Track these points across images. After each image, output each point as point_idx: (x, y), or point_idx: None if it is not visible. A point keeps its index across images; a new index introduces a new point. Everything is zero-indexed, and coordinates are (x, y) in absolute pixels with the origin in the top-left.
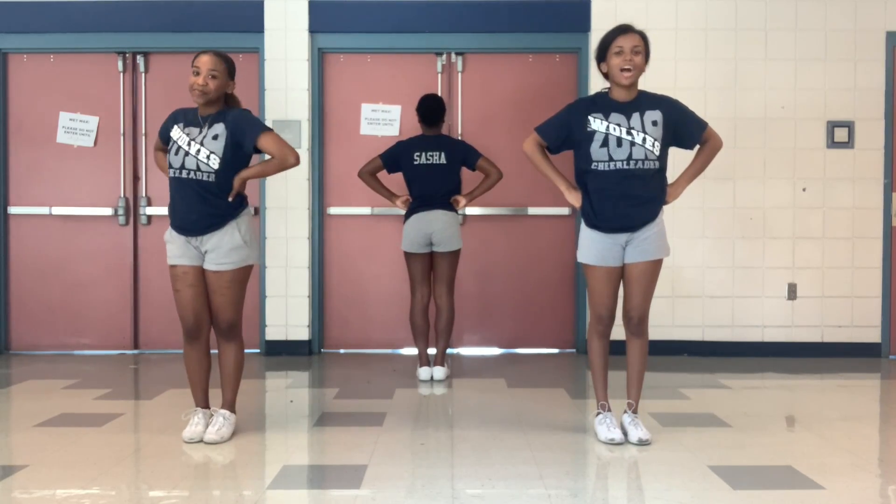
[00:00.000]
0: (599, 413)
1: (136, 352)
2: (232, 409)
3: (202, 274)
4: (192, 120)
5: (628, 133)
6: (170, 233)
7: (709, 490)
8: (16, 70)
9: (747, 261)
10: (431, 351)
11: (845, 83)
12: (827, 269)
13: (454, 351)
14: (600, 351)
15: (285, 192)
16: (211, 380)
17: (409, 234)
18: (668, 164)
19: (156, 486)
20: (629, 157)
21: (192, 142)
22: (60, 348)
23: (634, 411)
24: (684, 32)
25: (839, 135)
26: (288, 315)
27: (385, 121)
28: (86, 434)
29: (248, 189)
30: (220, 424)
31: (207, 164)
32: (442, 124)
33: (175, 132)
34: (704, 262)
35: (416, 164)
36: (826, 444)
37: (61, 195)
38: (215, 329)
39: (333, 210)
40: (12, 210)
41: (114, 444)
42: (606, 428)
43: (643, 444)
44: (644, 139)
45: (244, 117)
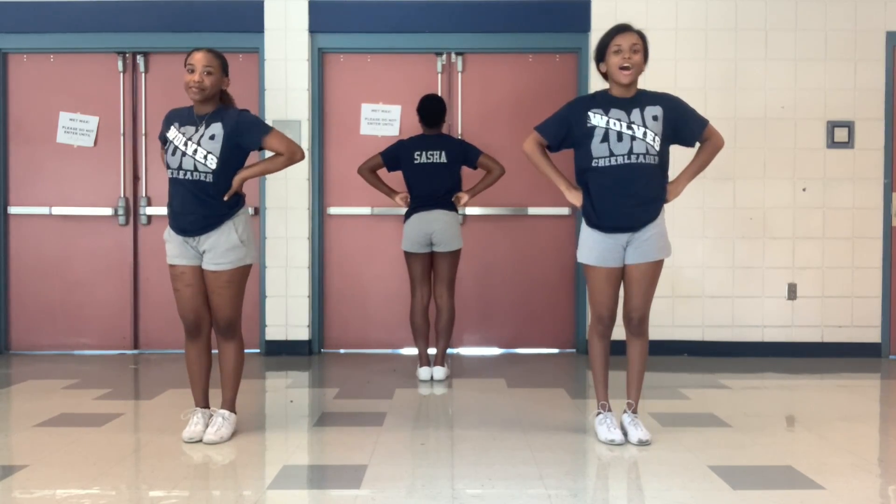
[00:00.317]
0: (600, 413)
1: (136, 352)
2: (232, 409)
3: (201, 273)
4: (187, 119)
5: (629, 127)
6: (168, 232)
7: (709, 490)
8: (16, 70)
9: (747, 261)
10: (431, 351)
11: (845, 83)
12: (827, 269)
13: (454, 351)
14: (601, 351)
15: (285, 192)
16: (211, 380)
17: (410, 233)
18: (669, 164)
19: (156, 486)
20: (630, 152)
21: (189, 142)
22: (60, 348)
23: (634, 411)
24: (684, 32)
25: (839, 135)
26: (288, 315)
27: (385, 121)
28: (86, 434)
29: (248, 189)
30: (219, 425)
31: (205, 165)
32: (442, 124)
33: (171, 133)
34: (704, 262)
35: (417, 163)
36: (826, 444)
37: (61, 195)
38: (215, 328)
39: (333, 210)
40: (12, 210)
41: (114, 444)
42: (607, 428)
43: (643, 444)
44: (645, 133)
45: (245, 118)
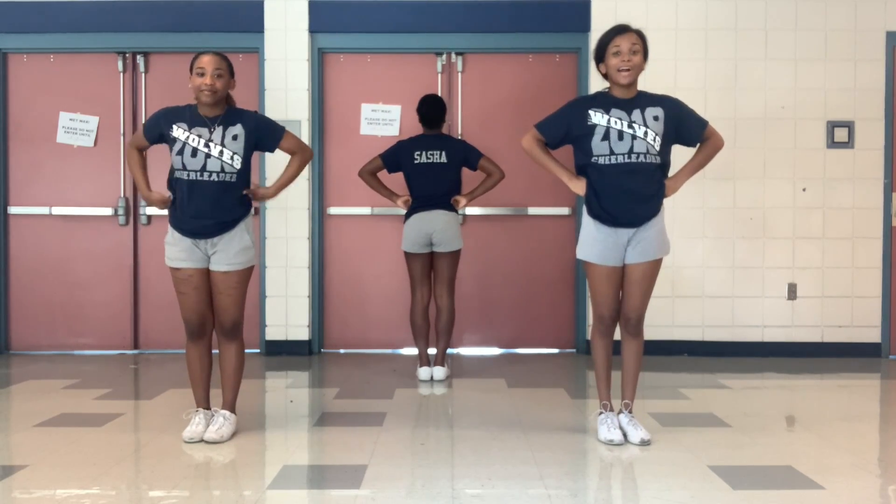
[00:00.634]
0: (601, 413)
1: (136, 352)
2: (232, 410)
3: (207, 275)
4: (194, 120)
5: (629, 127)
6: (172, 234)
7: (709, 490)
8: (16, 70)
9: (747, 261)
10: (431, 351)
11: (845, 83)
12: (827, 269)
13: (454, 351)
14: (603, 351)
15: (285, 192)
16: (212, 380)
17: (410, 234)
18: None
19: (156, 486)
20: (630, 151)
21: (211, 143)
22: (60, 348)
23: (630, 411)
24: (684, 32)
25: (839, 135)
26: (288, 315)
27: (385, 121)
28: (86, 434)
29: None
30: (220, 424)
31: (231, 165)
32: (442, 124)
33: (179, 132)
34: (704, 262)
35: (417, 163)
36: (826, 444)
37: (61, 195)
38: (218, 329)
39: (333, 210)
40: (12, 210)
41: (114, 444)
42: (607, 428)
43: (644, 443)
44: (646, 133)
45: (263, 119)
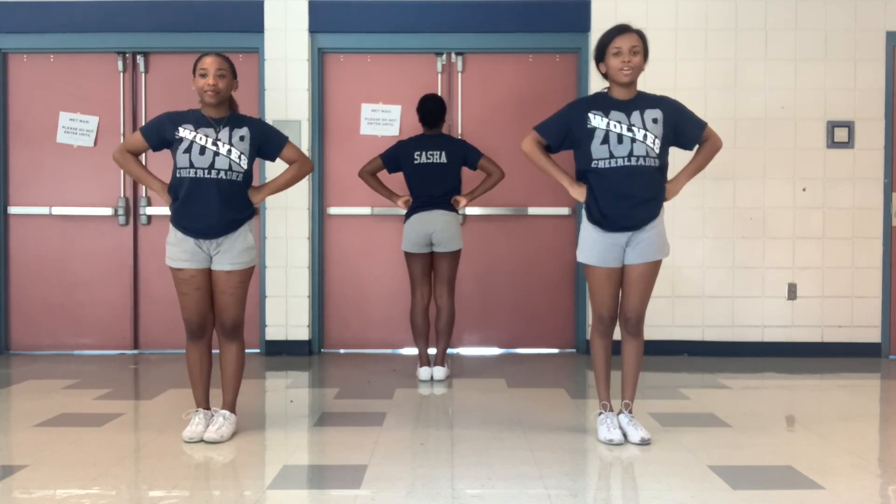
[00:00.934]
0: (601, 413)
1: (136, 352)
2: (232, 410)
3: (209, 276)
4: (200, 121)
5: (629, 130)
6: (174, 234)
7: (709, 490)
8: (16, 70)
9: (747, 261)
10: (431, 351)
11: (845, 83)
12: (827, 269)
13: (454, 351)
14: (602, 351)
15: (285, 192)
16: (212, 380)
17: (410, 234)
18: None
19: (156, 486)
20: (630, 154)
21: (219, 142)
22: (60, 348)
23: (630, 411)
24: (684, 32)
25: (839, 135)
26: (288, 315)
27: (385, 121)
28: (86, 434)
29: None
30: (220, 424)
31: (239, 164)
32: (442, 124)
33: (185, 133)
34: (704, 262)
35: (417, 163)
36: (826, 444)
37: (61, 195)
38: (219, 329)
39: (333, 210)
40: (12, 210)
41: (114, 444)
42: (607, 428)
43: (644, 443)
44: (645, 136)
45: (269, 127)
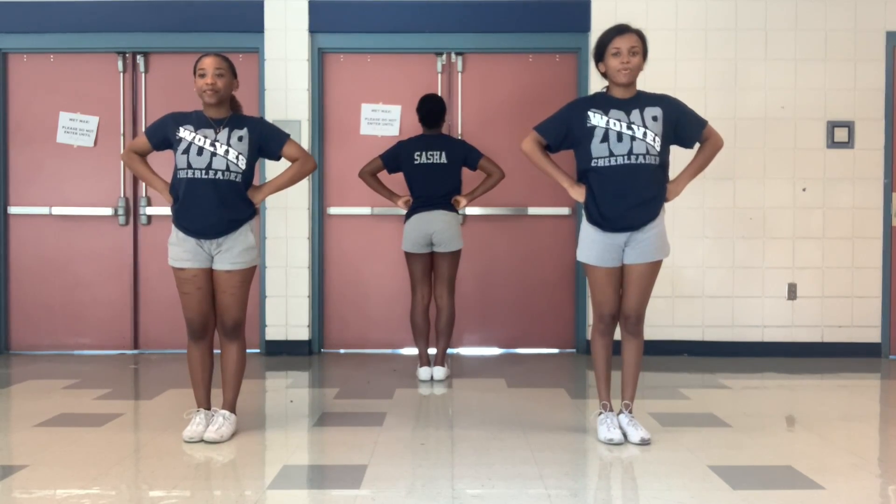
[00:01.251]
0: (601, 413)
1: (136, 352)
2: (232, 410)
3: (210, 275)
4: (200, 122)
5: (628, 128)
6: (176, 235)
7: (709, 490)
8: (16, 70)
9: (747, 261)
10: (431, 351)
11: (845, 83)
12: (827, 269)
13: (454, 351)
14: (603, 351)
15: (285, 192)
16: (212, 380)
17: (410, 234)
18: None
19: (156, 486)
20: (630, 152)
21: (217, 143)
22: (60, 348)
23: (630, 411)
24: (684, 32)
25: (839, 135)
26: (288, 315)
27: (385, 121)
28: (86, 434)
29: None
30: (220, 423)
31: (237, 165)
32: (442, 124)
33: (185, 133)
34: (704, 262)
35: (417, 163)
36: (826, 444)
37: (61, 195)
38: (220, 328)
39: (333, 210)
40: (12, 210)
41: (114, 444)
42: (607, 428)
43: (645, 443)
44: (645, 133)
45: (268, 125)
